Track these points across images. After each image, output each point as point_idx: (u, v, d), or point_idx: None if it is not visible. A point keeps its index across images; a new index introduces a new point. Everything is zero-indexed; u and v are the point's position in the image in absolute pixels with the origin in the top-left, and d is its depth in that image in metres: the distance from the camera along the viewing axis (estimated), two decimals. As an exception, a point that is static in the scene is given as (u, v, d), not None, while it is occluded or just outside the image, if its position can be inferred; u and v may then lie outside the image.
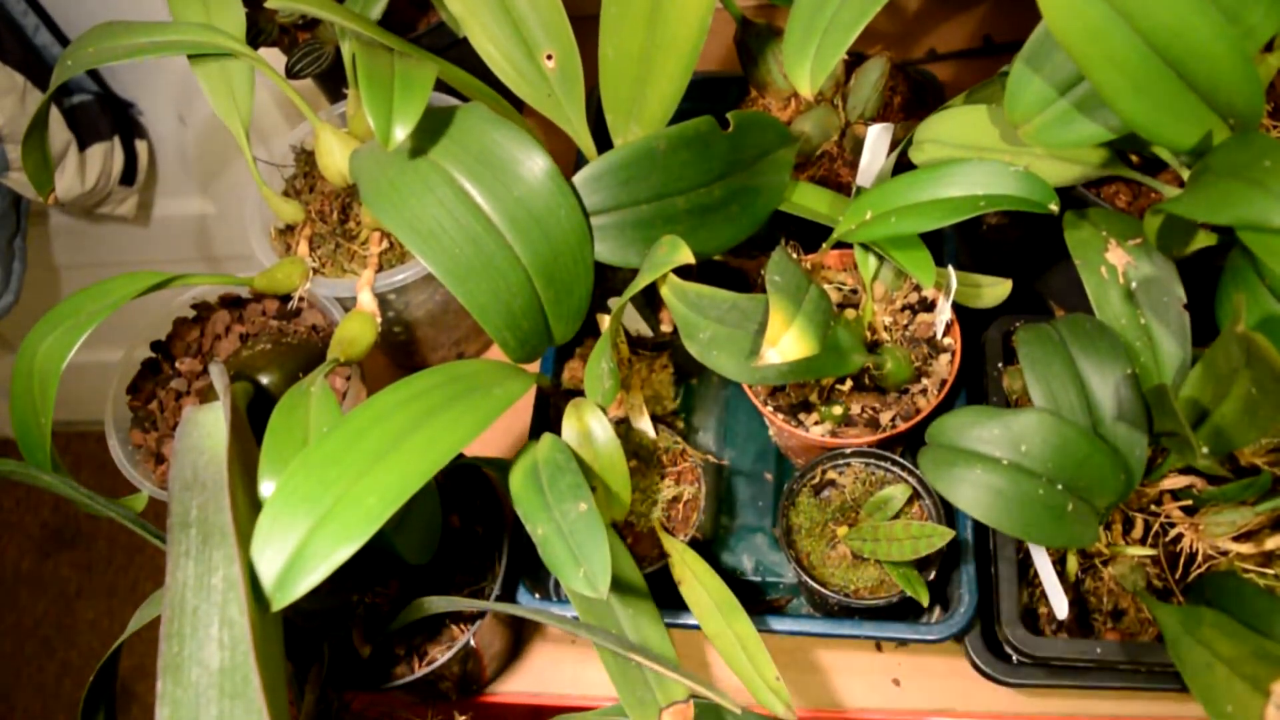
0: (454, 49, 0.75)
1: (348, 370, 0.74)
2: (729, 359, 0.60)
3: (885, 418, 0.72)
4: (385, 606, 0.71)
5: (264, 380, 0.72)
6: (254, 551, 0.49)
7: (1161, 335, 0.61)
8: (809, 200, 0.72)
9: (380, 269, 0.77)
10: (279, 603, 0.47)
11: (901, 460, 0.72)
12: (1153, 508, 0.67)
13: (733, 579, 0.80)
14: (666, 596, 0.68)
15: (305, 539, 0.48)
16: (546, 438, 0.61)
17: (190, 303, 0.79)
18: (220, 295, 0.80)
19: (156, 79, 1.17)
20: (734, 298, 0.60)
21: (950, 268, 0.68)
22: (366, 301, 0.73)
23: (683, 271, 0.66)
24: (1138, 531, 0.67)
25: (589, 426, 0.63)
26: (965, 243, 0.83)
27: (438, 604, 0.64)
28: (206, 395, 0.76)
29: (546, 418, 0.80)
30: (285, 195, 0.84)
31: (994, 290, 0.71)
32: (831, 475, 0.74)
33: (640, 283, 0.56)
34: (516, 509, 0.57)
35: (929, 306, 0.75)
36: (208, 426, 0.59)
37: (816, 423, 0.73)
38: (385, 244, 0.78)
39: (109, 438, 0.74)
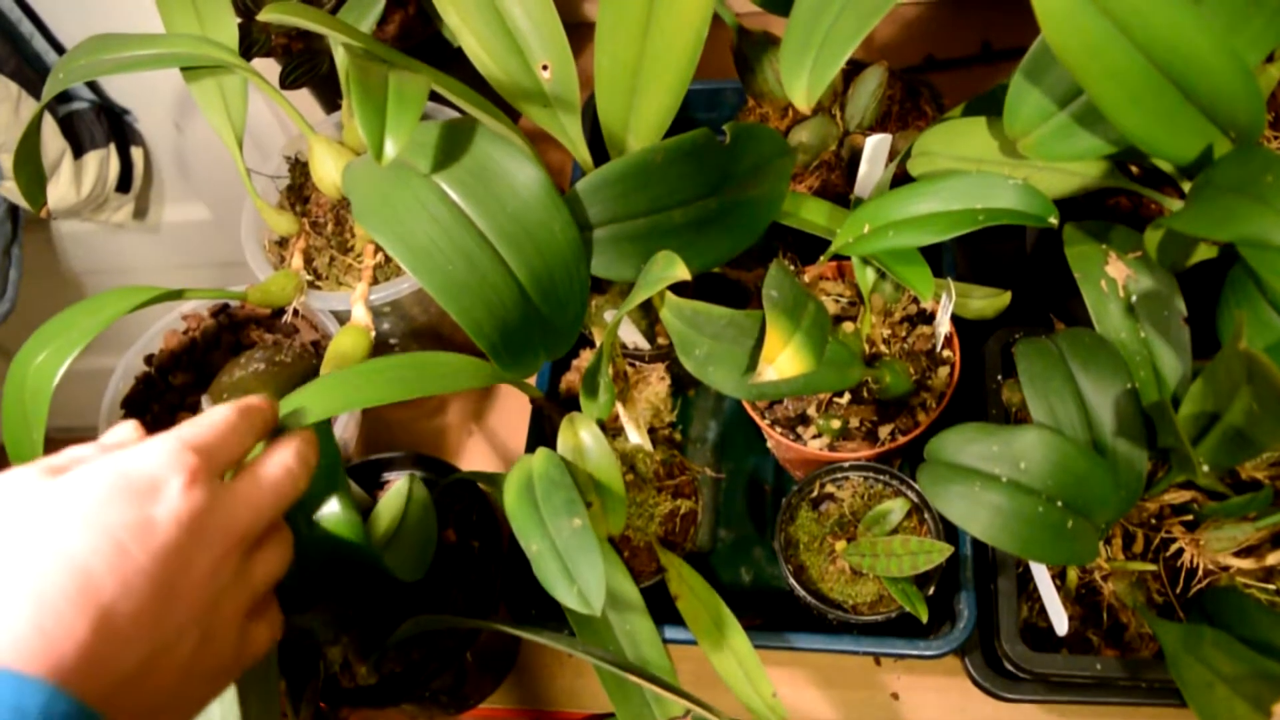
0: (449, 60, 0.74)
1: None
2: (725, 375, 0.59)
3: (884, 431, 0.72)
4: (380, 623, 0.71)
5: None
6: None
7: (1162, 349, 0.60)
8: (807, 212, 0.71)
9: (375, 282, 0.76)
10: None
11: (900, 474, 0.71)
12: (1153, 523, 0.66)
13: (730, 592, 0.79)
14: (665, 610, 0.67)
15: None
16: (541, 452, 0.60)
17: (181, 314, 0.79)
18: (210, 306, 0.79)
19: (152, 87, 1.17)
20: (730, 314, 0.60)
21: (949, 280, 0.68)
22: (360, 315, 0.73)
23: (680, 283, 0.66)
24: (1138, 547, 0.66)
25: (583, 441, 0.63)
26: (964, 254, 0.83)
27: (432, 621, 0.64)
28: (199, 410, 0.75)
29: (542, 432, 0.80)
30: (280, 207, 0.83)
31: (993, 302, 0.70)
32: (830, 489, 0.73)
33: (635, 300, 0.56)
34: (511, 525, 0.57)
35: (928, 319, 0.75)
36: None
37: (814, 436, 0.72)
38: (380, 257, 0.78)
39: (102, 452, 0.73)
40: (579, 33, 0.68)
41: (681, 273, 0.53)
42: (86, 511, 0.34)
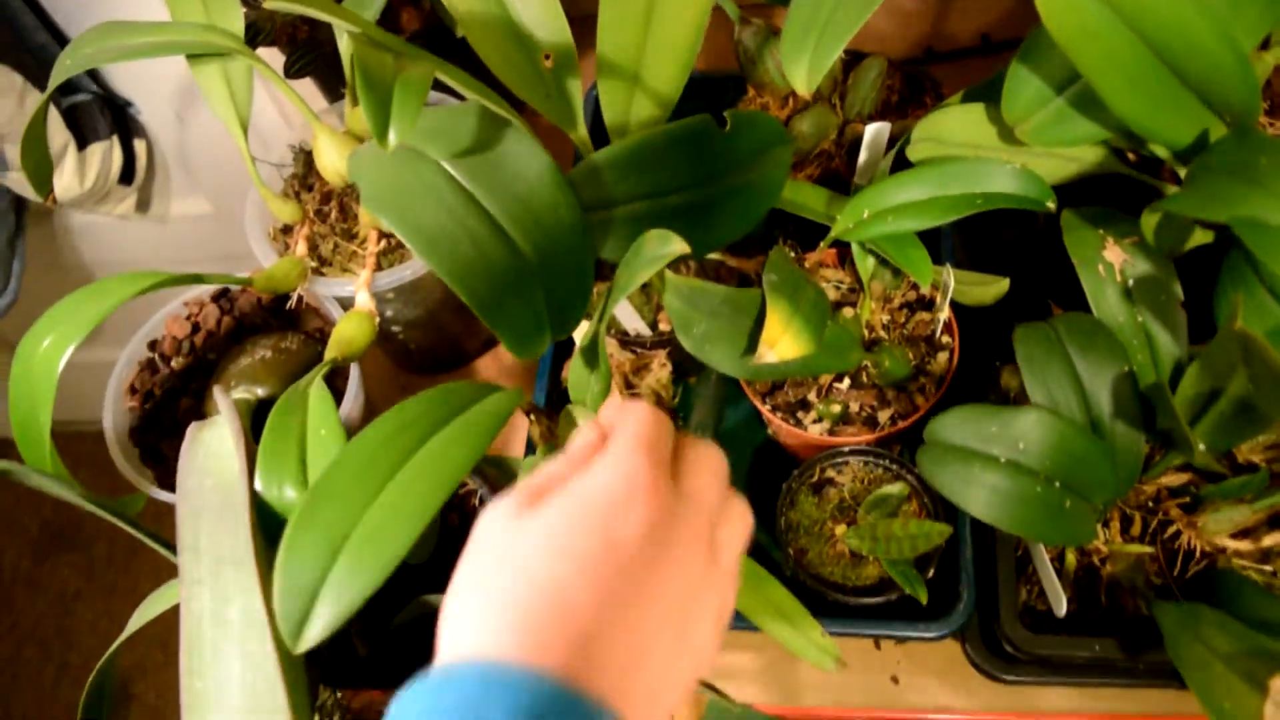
0: (453, 49, 0.75)
1: (347, 370, 0.74)
2: (723, 354, 0.60)
3: (883, 416, 0.72)
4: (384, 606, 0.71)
5: (265, 391, 0.72)
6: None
7: (1159, 333, 0.61)
8: (806, 198, 0.72)
9: (379, 268, 0.77)
10: (296, 648, 0.46)
11: (900, 459, 0.72)
12: (1151, 505, 0.67)
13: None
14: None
15: (321, 584, 0.47)
16: (535, 458, 0.61)
17: (184, 301, 0.80)
18: (212, 292, 0.80)
19: (155, 79, 1.17)
20: (726, 291, 0.60)
21: (948, 266, 0.68)
22: (364, 301, 0.73)
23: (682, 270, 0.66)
24: (1136, 529, 0.67)
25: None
26: (963, 240, 0.83)
27: (436, 603, 0.64)
28: (204, 396, 0.76)
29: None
30: (284, 195, 0.84)
31: (992, 288, 0.71)
32: (830, 473, 0.74)
33: (636, 281, 0.56)
34: None
35: (927, 304, 0.75)
36: (212, 446, 0.58)
37: (815, 421, 0.73)
38: (384, 243, 0.78)
39: (108, 439, 0.74)
40: (581, 24, 0.68)
41: (680, 247, 0.53)
42: (562, 544, 0.37)
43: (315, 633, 0.45)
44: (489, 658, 0.35)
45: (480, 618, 0.36)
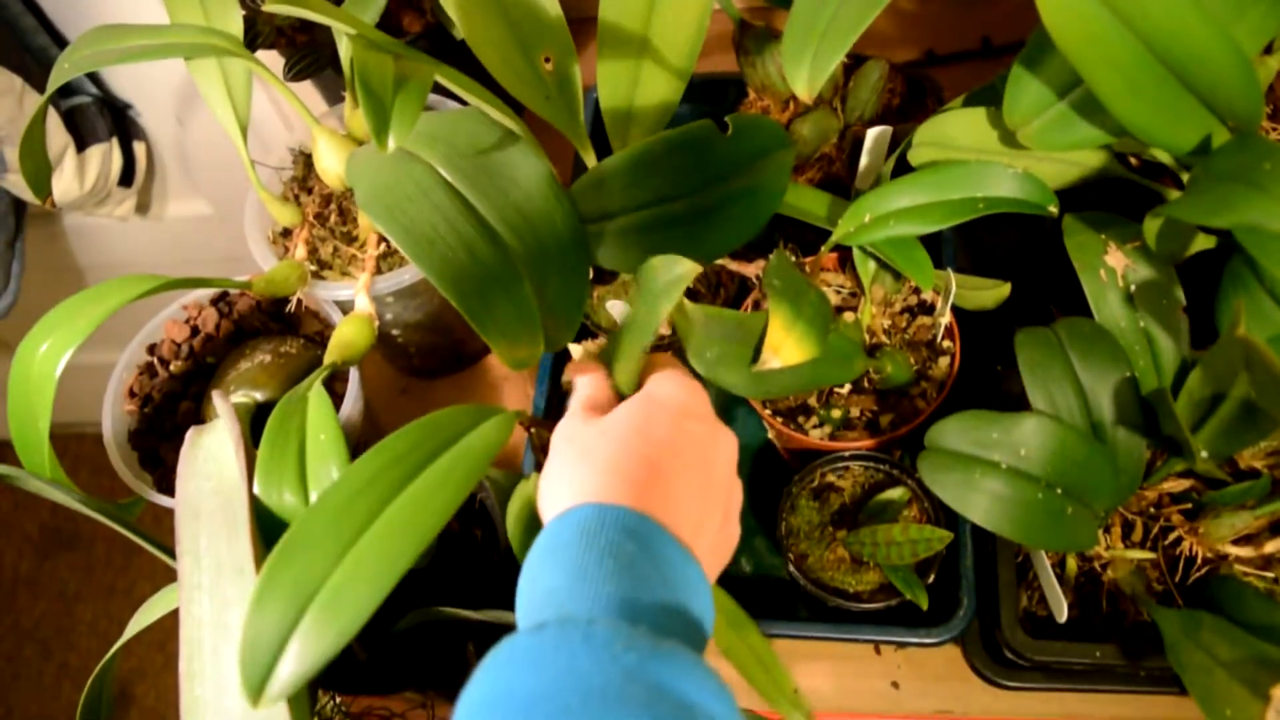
0: (453, 52, 0.75)
1: (346, 374, 0.74)
2: (736, 376, 0.59)
3: (884, 421, 0.72)
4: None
5: (264, 395, 0.72)
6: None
7: (1160, 338, 0.61)
8: (808, 203, 0.71)
9: (379, 272, 0.77)
10: (262, 704, 0.44)
11: (900, 463, 0.72)
12: (1152, 511, 0.67)
13: (731, 582, 0.79)
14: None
15: (286, 641, 0.44)
16: (534, 478, 0.60)
17: (182, 305, 0.79)
18: (210, 295, 0.80)
19: (154, 81, 1.17)
20: (739, 316, 0.60)
21: (949, 270, 0.68)
22: (364, 304, 0.73)
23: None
24: (1137, 535, 0.67)
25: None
26: (964, 244, 0.83)
27: (435, 610, 0.64)
28: (203, 400, 0.75)
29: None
30: (284, 198, 0.83)
31: (993, 292, 0.71)
32: (830, 478, 0.74)
33: (659, 314, 0.54)
34: (517, 553, 0.57)
35: (928, 309, 0.75)
36: (211, 450, 0.58)
37: (815, 426, 0.73)
38: (384, 247, 0.78)
39: (107, 442, 0.74)
40: (581, 26, 0.68)
41: (692, 271, 0.53)
42: (641, 427, 0.48)
43: (277, 690, 0.44)
44: (597, 502, 0.44)
45: (583, 482, 0.46)
